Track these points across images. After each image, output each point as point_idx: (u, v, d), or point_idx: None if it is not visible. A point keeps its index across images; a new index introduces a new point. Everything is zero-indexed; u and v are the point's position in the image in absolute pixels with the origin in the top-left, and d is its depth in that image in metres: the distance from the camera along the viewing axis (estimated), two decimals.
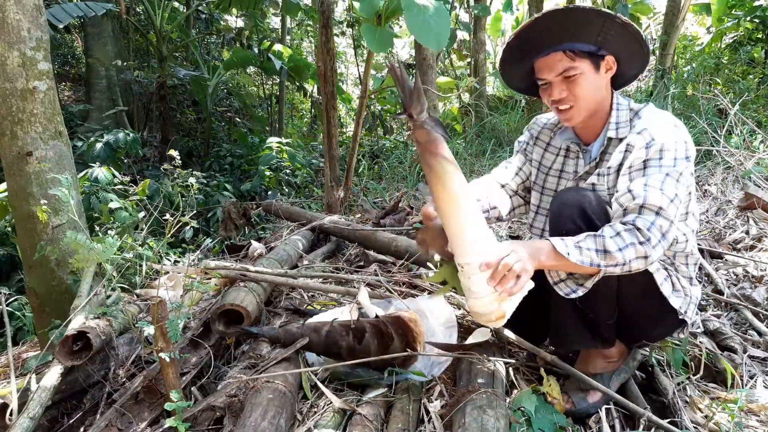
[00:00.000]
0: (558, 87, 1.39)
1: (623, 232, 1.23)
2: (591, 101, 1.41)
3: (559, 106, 1.42)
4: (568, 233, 1.33)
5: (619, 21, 1.31)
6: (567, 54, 1.36)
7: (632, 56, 1.42)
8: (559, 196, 1.42)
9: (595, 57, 1.38)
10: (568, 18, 1.34)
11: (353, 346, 1.62)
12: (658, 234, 1.22)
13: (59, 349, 1.50)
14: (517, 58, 1.47)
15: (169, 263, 2.83)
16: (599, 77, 1.40)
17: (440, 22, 3.07)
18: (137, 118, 8.51)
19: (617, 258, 1.21)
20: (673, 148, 1.30)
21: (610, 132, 1.43)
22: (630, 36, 1.35)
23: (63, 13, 5.63)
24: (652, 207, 1.23)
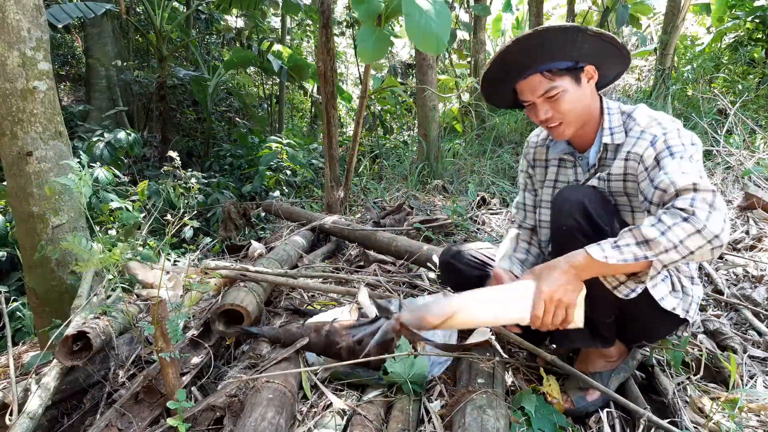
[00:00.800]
0: (542, 107, 1.39)
1: (663, 216, 1.15)
2: (578, 114, 1.40)
3: (548, 125, 1.42)
4: (569, 229, 1.33)
5: (591, 33, 1.30)
6: (545, 75, 1.36)
7: (611, 60, 1.42)
8: (560, 193, 1.42)
9: (575, 71, 1.37)
10: (541, 40, 1.33)
11: (353, 346, 1.62)
12: (704, 206, 1.12)
13: (59, 349, 1.50)
14: (497, 82, 1.48)
15: (168, 263, 2.83)
16: (582, 89, 1.39)
17: (441, 23, 3.06)
18: (137, 118, 8.51)
19: (662, 242, 1.13)
20: (676, 136, 1.31)
21: (605, 138, 1.42)
22: (605, 44, 1.35)
23: (63, 14, 5.63)
24: (687, 187, 1.17)
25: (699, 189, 1.15)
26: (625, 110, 1.44)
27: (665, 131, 1.31)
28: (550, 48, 1.34)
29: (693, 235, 1.12)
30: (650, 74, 7.52)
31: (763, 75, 6.09)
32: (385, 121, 8.37)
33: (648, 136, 1.33)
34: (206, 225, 4.94)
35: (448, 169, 5.33)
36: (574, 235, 1.33)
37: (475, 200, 3.99)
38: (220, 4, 7.34)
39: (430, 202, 4.44)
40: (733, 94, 5.89)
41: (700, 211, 1.12)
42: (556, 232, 1.40)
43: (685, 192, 1.17)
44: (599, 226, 1.32)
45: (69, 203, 2.02)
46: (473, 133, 6.26)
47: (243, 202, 4.34)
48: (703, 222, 1.11)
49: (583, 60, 1.37)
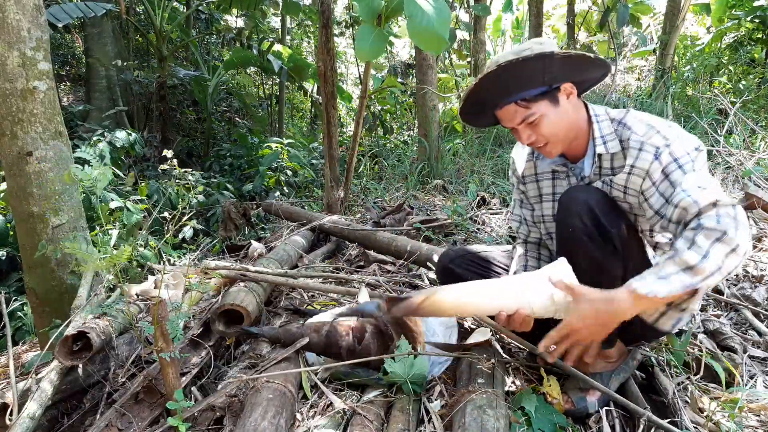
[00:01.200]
0: (524, 132, 1.38)
1: (697, 238, 1.13)
2: (563, 131, 1.38)
3: (534, 147, 1.42)
4: (575, 230, 1.32)
5: (558, 56, 1.28)
6: (520, 104, 1.35)
7: (587, 72, 1.39)
8: (566, 194, 1.41)
9: (550, 93, 1.35)
10: (507, 74, 1.32)
11: (353, 346, 1.62)
12: (730, 221, 1.12)
13: (59, 349, 1.50)
14: (475, 114, 1.48)
15: (169, 263, 2.83)
16: (562, 108, 1.36)
17: (442, 23, 3.06)
18: (137, 118, 8.51)
19: (707, 267, 1.12)
20: (679, 145, 1.27)
21: (598, 148, 1.38)
22: (576, 62, 1.32)
23: (62, 13, 5.63)
24: (708, 205, 1.16)
25: (719, 205, 1.14)
26: (614, 117, 1.40)
27: (667, 141, 1.28)
28: (518, 80, 1.33)
29: (730, 254, 1.12)
30: (650, 74, 7.52)
31: (763, 75, 6.09)
32: (385, 121, 8.37)
33: (650, 148, 1.29)
34: (206, 225, 4.94)
35: (448, 169, 5.33)
36: (579, 236, 1.33)
37: (475, 200, 3.99)
38: (220, 4, 7.34)
39: (430, 202, 4.44)
40: (733, 94, 5.89)
41: (729, 227, 1.11)
42: (562, 232, 1.39)
43: (706, 210, 1.15)
44: (605, 227, 1.32)
45: (69, 203, 2.02)
46: (473, 133, 6.26)
47: (243, 202, 4.34)
48: (736, 240, 1.11)
49: (557, 81, 1.34)
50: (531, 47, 1.31)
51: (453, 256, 1.73)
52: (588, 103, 1.44)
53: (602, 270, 1.36)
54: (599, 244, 1.32)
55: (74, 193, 2.05)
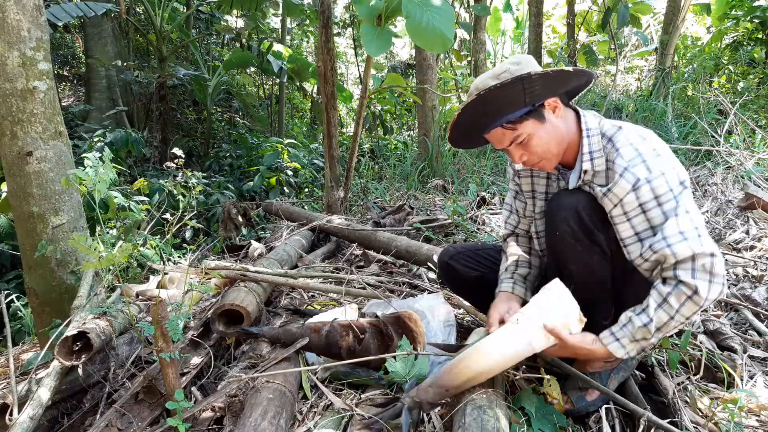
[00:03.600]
0: (516, 152, 1.39)
1: (670, 297, 1.22)
2: (553, 148, 1.38)
3: (527, 166, 1.43)
4: (562, 235, 1.33)
5: (536, 75, 1.28)
6: (506, 127, 1.35)
7: (570, 83, 1.39)
8: (553, 199, 1.42)
9: (535, 111, 1.35)
10: (487, 101, 1.32)
11: (353, 346, 1.62)
12: (704, 276, 1.19)
13: (59, 349, 1.50)
14: (463, 140, 1.51)
15: (169, 264, 2.83)
16: (549, 123, 1.36)
17: (445, 21, 3.04)
18: (137, 118, 8.51)
19: (671, 325, 1.24)
20: (663, 182, 1.24)
21: (585, 164, 1.36)
22: (555, 78, 1.32)
23: (62, 13, 5.63)
24: (686, 258, 1.19)
25: (698, 257, 1.19)
26: (606, 132, 1.37)
27: (650, 176, 1.24)
28: (499, 105, 1.33)
29: (696, 310, 1.22)
30: (650, 74, 7.52)
31: (763, 75, 6.09)
32: (385, 121, 8.37)
33: (631, 177, 1.26)
34: (206, 225, 4.94)
35: (449, 169, 5.33)
36: (568, 241, 1.34)
37: (475, 200, 3.99)
38: (221, 5, 7.33)
39: (430, 202, 4.44)
40: (733, 94, 5.88)
41: (701, 284, 1.19)
42: (551, 238, 1.41)
43: (685, 262, 1.21)
44: (592, 231, 1.33)
45: (69, 203, 2.01)
46: None
47: (243, 202, 4.34)
48: (704, 297, 1.20)
49: (539, 99, 1.34)
50: (508, 68, 1.32)
51: (453, 253, 1.75)
52: (581, 112, 1.42)
53: (592, 272, 1.37)
54: (588, 248, 1.33)
55: (74, 193, 2.05)
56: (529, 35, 7.04)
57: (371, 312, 1.95)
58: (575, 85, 1.42)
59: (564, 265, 1.40)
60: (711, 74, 6.50)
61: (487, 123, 1.37)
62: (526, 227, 1.71)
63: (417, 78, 5.57)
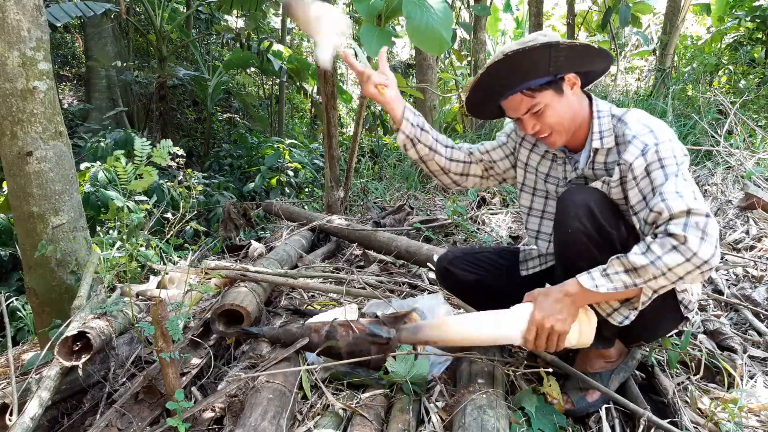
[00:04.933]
0: (529, 122, 1.41)
1: (653, 244, 1.18)
2: (566, 122, 1.39)
3: (538, 137, 1.43)
4: (575, 232, 1.32)
5: (563, 45, 1.30)
6: (525, 93, 1.37)
7: (592, 63, 1.41)
8: (565, 195, 1.41)
9: (555, 83, 1.37)
10: (514, 63, 1.34)
11: (353, 346, 1.61)
12: (696, 232, 1.15)
13: (59, 350, 1.50)
14: (480, 105, 1.50)
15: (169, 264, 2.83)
16: (566, 98, 1.38)
17: (443, 23, 3.05)
18: (137, 118, 8.51)
19: (651, 270, 1.18)
20: (669, 147, 1.27)
21: (594, 143, 1.40)
22: (580, 52, 1.34)
23: (62, 13, 5.63)
24: (681, 211, 1.17)
25: (692, 213, 1.17)
26: (615, 113, 1.41)
27: (657, 141, 1.27)
28: (524, 68, 1.35)
29: (683, 263, 1.16)
30: (650, 74, 7.52)
31: (763, 75, 6.09)
32: (385, 121, 8.37)
33: (639, 143, 1.29)
34: (207, 225, 4.94)
35: None
36: (580, 238, 1.33)
37: (475, 200, 3.99)
38: (221, 5, 7.33)
39: (430, 202, 4.44)
40: (733, 94, 5.89)
41: (692, 237, 1.15)
42: (561, 235, 1.39)
43: (678, 216, 1.18)
44: (605, 229, 1.32)
45: (69, 203, 2.01)
46: (473, 133, 6.25)
47: (243, 203, 4.34)
48: (693, 250, 1.14)
49: (562, 71, 1.36)
50: (536, 38, 1.34)
51: (451, 258, 1.73)
52: (594, 97, 1.45)
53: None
54: (599, 246, 1.32)
55: (74, 193, 2.05)
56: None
57: (371, 312, 1.95)
58: (594, 68, 1.44)
59: (573, 262, 1.38)
60: (711, 74, 6.50)
61: (509, 86, 1.38)
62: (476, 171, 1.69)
63: (417, 78, 5.57)
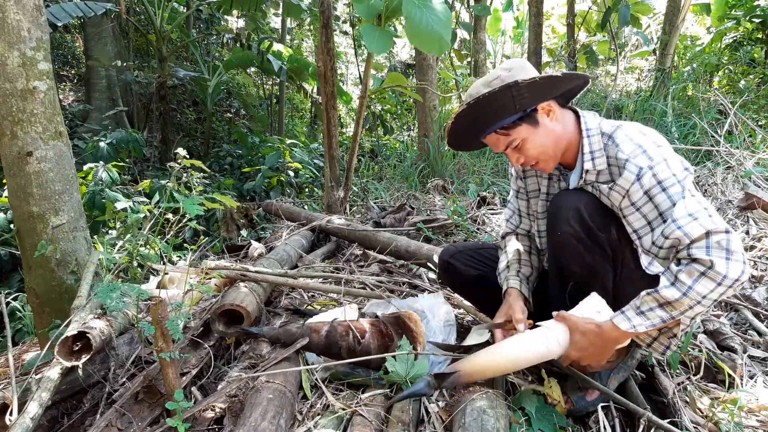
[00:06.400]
0: (513, 156, 1.43)
1: (681, 273, 1.17)
2: (549, 150, 1.40)
3: (526, 167, 1.45)
4: (564, 235, 1.34)
5: (523, 84, 1.29)
6: (500, 133, 1.39)
7: (561, 88, 1.40)
8: (555, 199, 1.43)
9: (528, 116, 1.37)
10: (479, 109, 1.35)
11: (353, 346, 1.62)
12: (719, 252, 1.14)
13: (59, 350, 1.50)
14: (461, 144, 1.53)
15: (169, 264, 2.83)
16: (543, 127, 1.38)
17: (443, 23, 3.05)
18: (137, 118, 8.51)
19: (686, 302, 1.17)
20: (665, 167, 1.25)
21: (586, 164, 1.38)
22: (543, 85, 1.32)
23: (62, 12, 5.63)
24: (700, 236, 1.16)
25: (712, 233, 1.15)
26: (605, 131, 1.38)
27: (651, 163, 1.26)
28: (490, 112, 1.36)
29: (715, 288, 1.15)
30: (650, 74, 7.52)
31: (763, 75, 6.09)
32: (385, 121, 8.37)
33: (633, 168, 1.27)
34: (206, 225, 4.93)
35: (449, 169, 5.32)
36: (570, 241, 1.34)
37: (475, 200, 3.99)
38: (221, 5, 7.33)
39: (430, 202, 4.44)
40: (733, 94, 5.88)
41: (718, 260, 1.13)
42: (552, 239, 1.41)
43: (699, 240, 1.16)
44: (594, 231, 1.33)
45: (69, 203, 2.01)
46: None
47: (244, 203, 4.34)
48: (722, 273, 1.13)
49: (530, 105, 1.36)
50: (499, 75, 1.34)
51: (454, 252, 1.76)
52: (581, 113, 1.42)
53: (594, 274, 1.37)
54: (589, 248, 1.33)
55: (74, 193, 2.04)
56: (529, 35, 7.04)
57: (371, 312, 1.95)
58: (569, 88, 1.42)
59: (565, 265, 1.40)
60: (711, 74, 6.50)
61: (482, 129, 1.41)
62: (527, 227, 1.71)
63: (417, 78, 5.57)
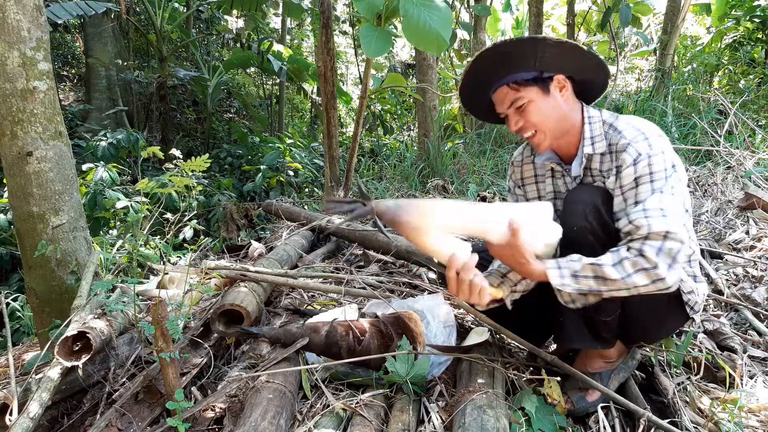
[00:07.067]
0: (513, 118, 1.42)
1: (626, 261, 1.22)
2: (550, 123, 1.40)
3: (522, 134, 1.44)
4: (580, 230, 1.33)
5: (551, 42, 1.31)
6: (511, 86, 1.39)
7: (583, 69, 1.41)
8: (571, 194, 1.42)
9: (542, 81, 1.38)
10: (500, 53, 1.36)
11: (353, 346, 1.62)
12: (666, 259, 1.20)
13: (59, 350, 1.50)
14: (473, 99, 1.52)
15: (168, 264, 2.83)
16: (552, 99, 1.39)
17: (442, 22, 3.04)
18: (137, 118, 8.51)
19: (618, 284, 1.23)
20: (661, 160, 1.28)
21: (586, 148, 1.41)
22: (569, 52, 1.34)
23: (63, 11, 5.64)
24: (659, 234, 1.21)
25: (669, 238, 1.21)
26: (606, 119, 1.42)
27: (651, 152, 1.28)
28: (510, 60, 1.36)
29: (647, 285, 1.22)
30: (650, 74, 7.52)
31: (763, 75, 6.09)
32: (385, 121, 8.37)
33: (633, 151, 1.30)
34: (206, 225, 4.93)
35: (448, 169, 5.33)
36: (585, 236, 1.33)
37: (475, 200, 3.99)
38: (221, 5, 7.34)
39: None
40: (733, 94, 5.89)
41: (662, 264, 1.20)
42: (567, 232, 1.39)
43: (655, 238, 1.21)
44: (610, 227, 1.32)
45: (69, 203, 2.01)
46: (473, 132, 6.25)
47: (244, 203, 4.34)
48: (660, 276, 1.20)
49: (548, 69, 1.37)
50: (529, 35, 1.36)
51: None
52: (586, 107, 1.45)
53: None
54: (603, 244, 1.32)
55: (74, 193, 2.04)
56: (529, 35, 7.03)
57: (371, 312, 1.95)
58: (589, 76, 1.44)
59: None
60: (711, 74, 6.51)
61: (496, 77, 1.40)
62: None
63: (417, 78, 5.57)
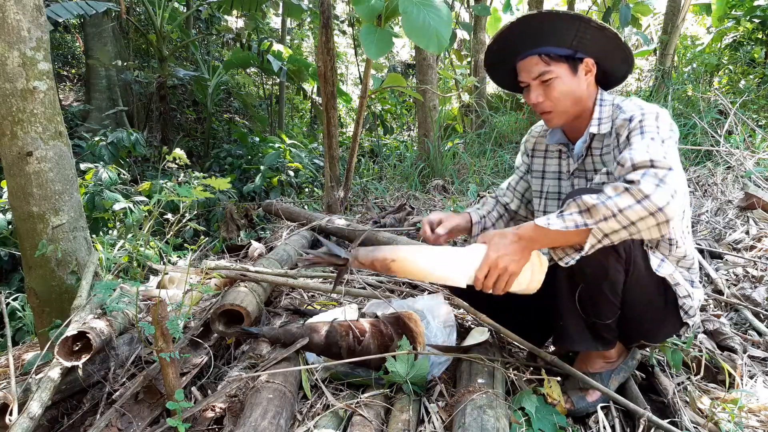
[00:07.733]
0: (535, 91, 1.41)
1: (607, 187, 1.15)
2: (569, 104, 1.41)
3: (538, 109, 1.44)
4: None
5: (594, 24, 1.32)
6: (542, 58, 1.38)
7: (613, 58, 1.42)
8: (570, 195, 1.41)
9: (573, 60, 1.39)
10: (542, 22, 1.35)
11: (353, 346, 1.61)
12: (652, 179, 1.10)
13: (59, 349, 1.50)
14: (499, 60, 1.51)
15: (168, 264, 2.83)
16: (577, 80, 1.40)
17: (441, 20, 3.05)
18: (137, 118, 8.51)
19: (601, 210, 1.13)
20: (653, 119, 1.28)
21: (592, 128, 1.43)
22: (607, 39, 1.36)
23: (63, 10, 5.64)
24: (644, 163, 1.15)
25: (655, 165, 1.13)
26: (617, 102, 1.44)
27: (643, 114, 1.30)
28: (550, 32, 1.36)
29: (634, 205, 1.10)
30: (650, 74, 7.52)
31: (763, 75, 6.09)
32: (385, 121, 8.37)
33: (627, 116, 1.34)
34: (206, 225, 4.93)
35: (449, 169, 5.33)
36: None
37: (475, 200, 3.99)
38: (221, 5, 7.34)
39: (430, 201, 4.44)
40: (733, 94, 5.89)
41: (646, 183, 1.10)
42: None
43: (640, 167, 1.15)
44: None
45: (69, 203, 2.01)
46: (473, 132, 6.26)
47: (244, 203, 4.34)
48: (645, 192, 1.09)
49: (583, 51, 1.38)
50: None
51: None
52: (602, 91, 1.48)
53: (605, 274, 1.34)
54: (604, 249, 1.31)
55: (74, 193, 2.04)
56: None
57: (371, 312, 1.95)
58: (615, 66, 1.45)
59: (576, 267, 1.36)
60: (711, 74, 6.51)
61: (529, 44, 1.39)
62: (509, 200, 1.79)
63: (417, 78, 5.57)
